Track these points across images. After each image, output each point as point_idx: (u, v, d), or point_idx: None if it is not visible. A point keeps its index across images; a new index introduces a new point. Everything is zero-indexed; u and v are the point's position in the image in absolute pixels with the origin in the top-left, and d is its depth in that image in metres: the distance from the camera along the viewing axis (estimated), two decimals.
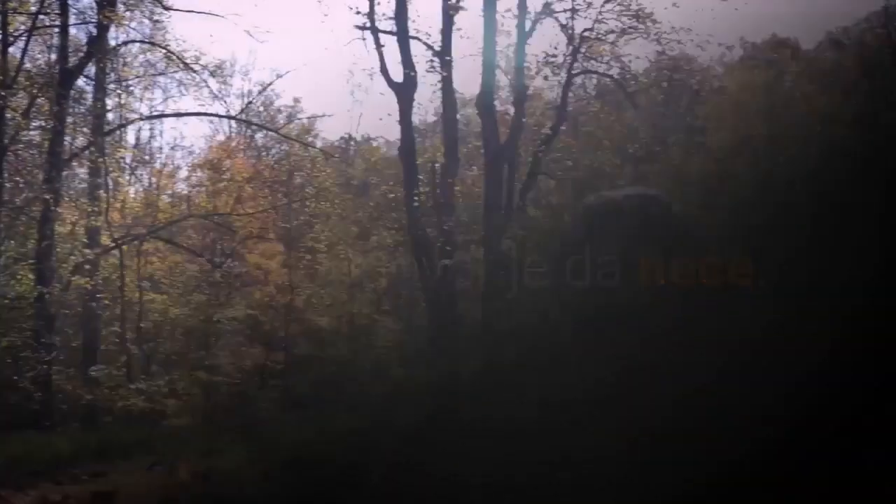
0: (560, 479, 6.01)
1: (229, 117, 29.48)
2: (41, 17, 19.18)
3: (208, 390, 25.06)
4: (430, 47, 21.05)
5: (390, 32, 20.71)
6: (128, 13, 21.22)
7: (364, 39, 21.39)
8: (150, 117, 29.03)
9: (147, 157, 34.83)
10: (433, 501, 3.72)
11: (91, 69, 21.12)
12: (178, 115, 27.92)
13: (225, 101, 35.73)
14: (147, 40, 23.25)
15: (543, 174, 23.09)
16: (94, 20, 20.23)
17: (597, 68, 24.41)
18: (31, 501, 4.21)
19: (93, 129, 20.95)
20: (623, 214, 4.12)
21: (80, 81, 21.08)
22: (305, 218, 26.91)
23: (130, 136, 33.54)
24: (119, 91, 24.42)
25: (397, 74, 20.47)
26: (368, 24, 20.70)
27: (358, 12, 20.70)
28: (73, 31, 20.92)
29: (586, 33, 22.79)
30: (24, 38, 18.97)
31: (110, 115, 23.77)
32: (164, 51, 22.52)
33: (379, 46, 20.70)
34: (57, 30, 19.83)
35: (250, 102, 34.72)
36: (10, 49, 19.59)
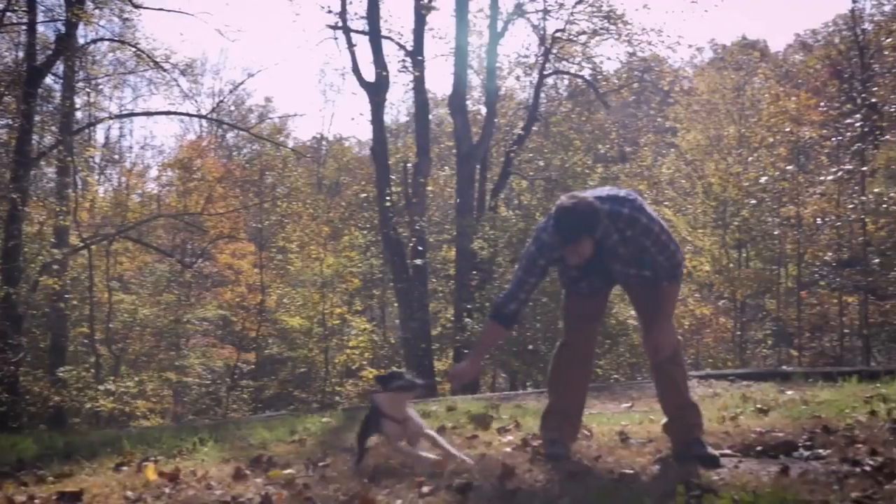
0: None
1: (200, 116, 29.27)
2: (8, 14, 18.90)
3: (178, 391, 24.94)
4: (402, 47, 21.08)
5: (362, 32, 20.69)
6: (97, 11, 20.93)
7: (336, 39, 21.42)
8: (120, 116, 28.84)
9: (116, 157, 34.71)
10: None
11: (59, 67, 20.85)
12: (148, 113, 27.66)
13: (196, 100, 35.61)
14: (116, 38, 23.04)
15: (515, 174, 23.17)
16: (62, 18, 19.97)
17: (568, 69, 24.59)
18: None
19: (61, 127, 20.68)
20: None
21: (49, 79, 20.78)
22: (277, 218, 26.81)
23: (100, 135, 33.42)
24: (88, 89, 24.18)
25: (369, 74, 20.46)
26: (340, 24, 20.67)
27: (330, 11, 20.69)
28: (41, 28, 20.67)
29: (558, 34, 22.93)
30: None
31: (79, 114, 23.54)
32: (133, 49, 22.22)
33: (351, 46, 20.68)
34: (24, 27, 19.55)
35: (221, 101, 34.63)
36: None
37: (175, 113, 27.26)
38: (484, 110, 23.35)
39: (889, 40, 22.39)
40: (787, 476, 3.72)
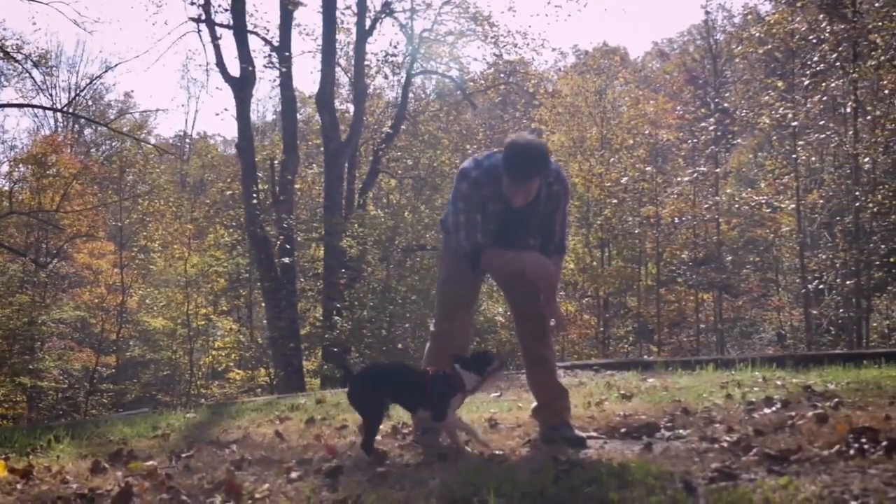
0: None
1: (54, 109, 28.16)
2: None
3: (33, 396, 23.86)
4: (268, 42, 20.71)
5: (227, 26, 20.22)
6: None
7: (200, 32, 20.85)
8: None
9: None
10: None
11: None
12: None
13: (50, 94, 34.15)
14: None
15: (384, 172, 23.19)
16: None
17: (436, 69, 24.81)
18: None
19: None
20: None
21: None
22: (138, 216, 26.01)
23: None
24: None
25: (235, 69, 20.04)
26: (204, 17, 20.16)
27: (193, 3, 20.14)
28: None
29: (425, 34, 23.09)
30: None
31: None
32: None
33: (215, 40, 20.17)
34: None
35: (78, 95, 33.21)
36: None
37: (27, 105, 26.01)
38: (352, 108, 23.26)
39: (739, 49, 23.48)
40: (650, 452, 3.85)
